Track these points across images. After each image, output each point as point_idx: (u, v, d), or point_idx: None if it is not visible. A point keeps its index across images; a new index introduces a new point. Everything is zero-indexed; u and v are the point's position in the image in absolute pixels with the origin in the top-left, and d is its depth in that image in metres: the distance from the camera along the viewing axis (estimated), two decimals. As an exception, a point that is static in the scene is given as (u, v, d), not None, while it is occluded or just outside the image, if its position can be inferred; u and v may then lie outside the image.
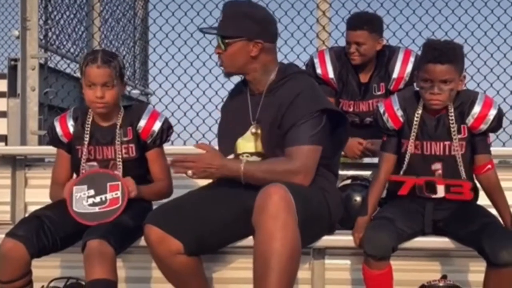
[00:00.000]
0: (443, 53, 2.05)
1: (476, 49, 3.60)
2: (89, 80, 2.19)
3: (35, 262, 2.13)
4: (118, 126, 2.26)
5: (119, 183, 2.15)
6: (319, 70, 2.77)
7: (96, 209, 2.13)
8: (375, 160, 2.66)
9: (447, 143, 2.14)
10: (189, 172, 2.02)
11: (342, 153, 2.39)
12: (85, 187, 2.15)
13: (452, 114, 2.14)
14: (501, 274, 2.00)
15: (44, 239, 2.09)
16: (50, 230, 2.11)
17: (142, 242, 2.13)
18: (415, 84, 2.25)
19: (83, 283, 2.08)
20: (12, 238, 2.06)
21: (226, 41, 2.11)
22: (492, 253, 1.97)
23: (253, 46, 2.12)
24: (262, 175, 2.00)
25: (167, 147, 2.41)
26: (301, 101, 2.08)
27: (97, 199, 2.14)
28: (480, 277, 2.08)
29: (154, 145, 2.29)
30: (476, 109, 2.13)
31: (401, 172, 2.18)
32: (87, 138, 2.26)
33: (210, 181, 2.25)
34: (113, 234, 2.04)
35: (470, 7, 3.67)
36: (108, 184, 2.15)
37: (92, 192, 2.14)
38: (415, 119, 2.15)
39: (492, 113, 2.12)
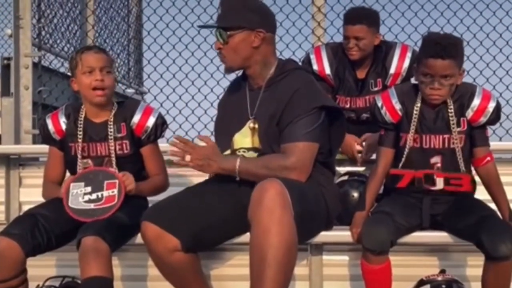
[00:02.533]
0: (444, 48, 2.04)
1: (472, 44, 3.61)
2: (87, 65, 2.18)
3: (30, 261, 2.11)
4: (111, 122, 2.23)
5: (116, 181, 2.13)
6: (315, 67, 2.75)
7: (92, 206, 2.11)
8: (373, 156, 2.64)
9: (446, 136, 2.14)
10: (187, 157, 2.01)
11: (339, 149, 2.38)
12: (82, 184, 2.14)
13: (452, 107, 2.14)
14: (499, 267, 2.00)
15: (39, 237, 2.07)
16: (45, 228, 2.09)
17: (138, 239, 2.11)
18: (412, 79, 2.24)
19: (79, 281, 2.06)
20: (6, 237, 2.04)
21: (228, 33, 2.10)
22: (490, 246, 1.97)
23: (255, 36, 2.11)
24: (257, 171, 2.00)
25: (162, 145, 2.39)
26: (299, 98, 2.07)
27: (93, 196, 2.12)
28: (479, 271, 2.07)
29: (148, 141, 2.27)
30: (476, 102, 2.13)
31: (400, 166, 2.17)
32: (80, 135, 2.24)
33: (206, 177, 2.24)
34: (108, 231, 2.02)
35: (465, 1, 3.67)
36: (106, 182, 2.14)
37: (89, 189, 2.13)
38: (415, 112, 2.14)
39: (492, 105, 2.13)
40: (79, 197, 2.12)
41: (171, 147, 2.06)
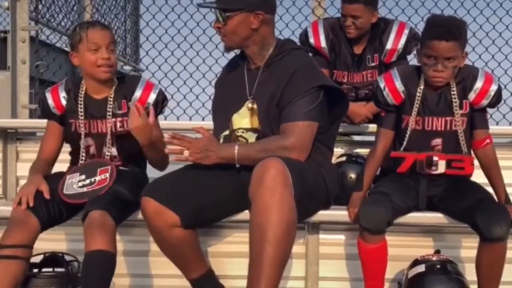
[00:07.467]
0: (448, 30, 2.04)
1: (472, 27, 3.61)
2: (93, 42, 2.15)
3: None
4: (111, 99, 2.22)
5: (109, 166, 2.15)
6: (311, 40, 2.79)
7: (84, 189, 2.13)
8: (370, 137, 2.66)
9: (448, 118, 2.15)
10: (186, 152, 2.01)
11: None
12: (78, 174, 2.16)
13: (455, 89, 2.14)
14: (493, 249, 2.02)
15: (51, 210, 2.09)
16: (57, 201, 2.11)
17: (140, 215, 2.11)
18: (414, 60, 2.24)
19: (64, 256, 2.10)
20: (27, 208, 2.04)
21: (227, 14, 2.09)
22: (485, 228, 1.99)
23: (254, 18, 2.10)
24: (256, 155, 1.99)
25: (160, 122, 2.39)
26: (298, 78, 2.07)
27: (87, 181, 2.14)
28: (473, 253, 2.10)
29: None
30: (478, 84, 2.14)
31: (401, 148, 2.18)
32: (82, 112, 2.22)
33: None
34: (114, 206, 2.03)
35: (466, -15, 3.67)
36: (99, 169, 2.16)
37: (83, 177, 2.15)
38: (418, 94, 2.15)
39: (493, 88, 2.14)
40: (73, 184, 2.14)
41: (168, 146, 2.05)
